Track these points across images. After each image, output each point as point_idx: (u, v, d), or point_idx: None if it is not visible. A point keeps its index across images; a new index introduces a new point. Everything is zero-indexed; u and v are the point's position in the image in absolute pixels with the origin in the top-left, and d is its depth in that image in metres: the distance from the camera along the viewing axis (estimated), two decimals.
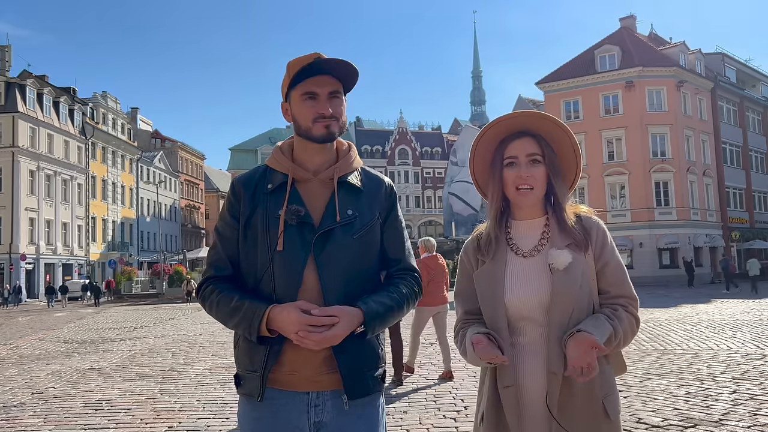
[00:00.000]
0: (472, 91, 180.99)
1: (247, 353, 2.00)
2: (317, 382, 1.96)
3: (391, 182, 2.22)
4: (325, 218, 1.99)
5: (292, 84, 2.02)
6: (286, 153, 2.10)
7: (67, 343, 15.50)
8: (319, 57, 1.96)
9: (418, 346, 9.44)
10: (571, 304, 1.97)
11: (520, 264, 2.06)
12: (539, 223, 2.11)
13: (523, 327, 2.03)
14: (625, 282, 2.06)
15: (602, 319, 1.96)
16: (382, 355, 2.09)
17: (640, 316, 2.09)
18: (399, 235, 2.15)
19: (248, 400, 2.02)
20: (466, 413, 6.46)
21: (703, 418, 6.03)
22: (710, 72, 51.91)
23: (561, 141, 2.11)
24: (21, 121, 50.18)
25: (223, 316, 2.01)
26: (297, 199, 2.01)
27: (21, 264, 48.10)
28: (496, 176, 2.10)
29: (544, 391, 1.96)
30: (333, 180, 2.04)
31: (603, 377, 1.99)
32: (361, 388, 1.97)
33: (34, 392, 8.54)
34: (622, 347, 2.04)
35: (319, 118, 1.99)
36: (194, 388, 8.46)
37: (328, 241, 1.97)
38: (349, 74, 2.04)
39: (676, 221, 45.36)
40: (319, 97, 2.00)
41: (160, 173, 74.24)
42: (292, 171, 2.04)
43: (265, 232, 1.99)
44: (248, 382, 2.00)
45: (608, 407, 1.98)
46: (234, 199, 2.08)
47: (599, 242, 2.06)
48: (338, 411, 1.97)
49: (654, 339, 12.18)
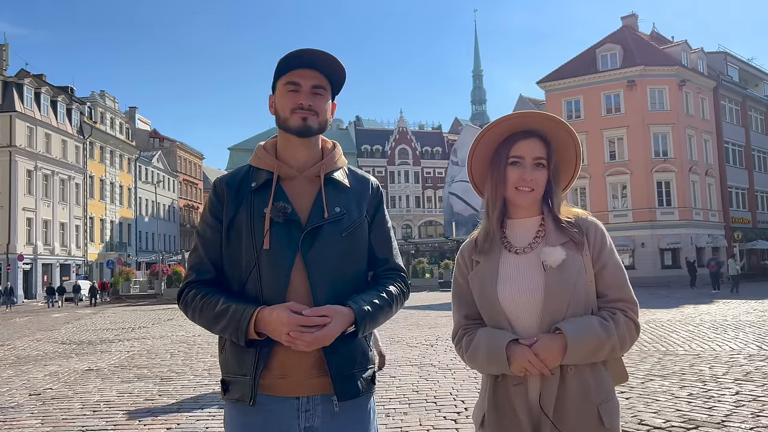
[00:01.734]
0: (473, 90, 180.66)
1: (236, 357, 1.95)
2: (307, 386, 1.93)
3: (377, 181, 2.20)
4: (312, 215, 1.96)
5: (278, 75, 2.00)
6: (269, 151, 2.07)
7: (65, 344, 15.45)
8: (306, 49, 1.96)
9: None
10: (565, 302, 1.92)
11: (512, 261, 2.03)
12: (535, 221, 2.08)
13: (518, 325, 1.98)
14: (624, 285, 2.01)
15: (592, 322, 1.91)
16: (372, 356, 2.06)
17: (642, 317, 2.04)
18: (386, 234, 2.13)
19: (236, 406, 1.97)
20: (466, 414, 6.39)
21: (706, 419, 5.99)
22: (712, 71, 51.77)
23: (564, 142, 2.09)
24: (18, 120, 50.06)
25: (207, 321, 1.95)
26: (283, 197, 1.97)
27: (18, 264, 47.93)
28: (499, 173, 2.05)
29: (539, 390, 1.94)
30: (319, 177, 2.02)
31: (599, 383, 1.94)
32: (352, 389, 1.94)
33: (31, 393, 8.49)
34: (620, 353, 1.98)
35: (297, 109, 1.97)
36: (193, 389, 8.41)
37: (317, 239, 1.94)
38: (335, 70, 2.01)
39: (678, 221, 45.23)
40: (302, 89, 1.98)
41: (159, 173, 74.20)
42: (277, 168, 2.01)
43: (251, 231, 1.94)
44: (238, 387, 1.94)
45: (603, 414, 1.92)
46: (216, 200, 2.04)
47: (597, 243, 2.02)
48: (329, 415, 1.94)
49: (656, 340, 12.12)
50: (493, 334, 1.96)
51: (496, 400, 1.99)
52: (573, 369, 1.91)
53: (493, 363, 1.93)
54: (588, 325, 1.89)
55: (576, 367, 1.91)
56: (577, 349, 1.86)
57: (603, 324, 1.91)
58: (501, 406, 1.98)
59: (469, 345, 2.02)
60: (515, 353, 1.88)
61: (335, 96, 2.10)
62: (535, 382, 1.94)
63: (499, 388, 1.99)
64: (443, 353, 11.11)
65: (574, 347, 1.86)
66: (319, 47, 1.97)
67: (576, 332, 1.86)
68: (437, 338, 13.52)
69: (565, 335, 1.86)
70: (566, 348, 1.86)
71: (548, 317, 1.93)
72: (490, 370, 1.98)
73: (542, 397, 1.92)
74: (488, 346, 1.94)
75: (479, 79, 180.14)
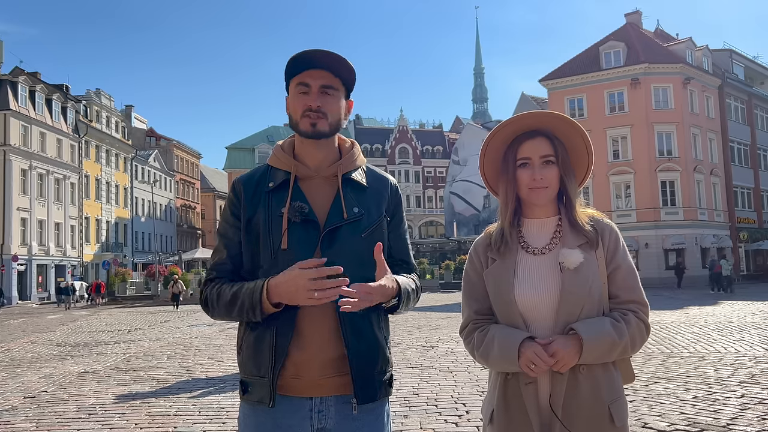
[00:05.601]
0: (474, 88, 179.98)
1: (252, 359, 1.95)
2: (321, 386, 1.92)
3: (396, 182, 2.20)
4: (331, 216, 1.96)
5: (289, 77, 2.01)
6: (287, 150, 2.07)
7: (60, 346, 15.40)
8: (312, 50, 1.96)
9: None
10: (580, 304, 1.95)
11: (530, 262, 2.05)
12: (552, 222, 2.10)
13: (532, 325, 2.00)
14: (636, 287, 2.04)
15: (605, 323, 1.94)
16: (391, 358, 2.06)
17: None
18: (403, 236, 2.16)
19: (251, 407, 1.97)
20: (468, 417, 6.42)
21: (711, 422, 5.99)
22: (717, 69, 51.50)
23: (573, 139, 2.11)
24: (13, 119, 49.56)
25: (225, 306, 1.95)
26: (300, 197, 1.97)
27: (13, 265, 47.45)
28: (509, 177, 2.08)
29: (549, 391, 1.96)
30: (337, 177, 2.02)
31: (610, 382, 1.98)
32: (372, 392, 1.94)
33: (26, 396, 8.47)
34: (630, 354, 2.02)
35: (307, 112, 1.96)
36: (190, 392, 8.40)
37: (336, 240, 1.94)
38: (344, 69, 2.00)
39: (683, 221, 44.93)
40: (311, 90, 1.98)
41: (155, 172, 73.89)
42: (294, 168, 2.01)
43: (268, 231, 1.95)
44: (257, 389, 1.94)
45: (614, 413, 1.95)
46: (235, 199, 2.05)
47: (612, 245, 2.05)
48: (342, 417, 1.93)
49: (660, 342, 12.06)
50: (508, 332, 1.97)
51: (506, 398, 2.01)
52: (585, 369, 1.94)
53: (506, 361, 1.94)
54: (601, 326, 1.92)
55: (588, 367, 1.94)
56: (592, 350, 1.89)
57: (615, 325, 1.94)
58: (511, 404, 1.99)
59: (481, 341, 2.02)
60: (525, 349, 1.90)
61: (349, 95, 2.08)
62: (545, 382, 1.96)
63: (509, 386, 2.00)
64: (444, 355, 11.05)
65: (589, 348, 1.88)
66: (318, 45, 1.92)
67: (590, 333, 1.89)
68: (438, 340, 13.48)
69: (580, 336, 1.88)
70: (582, 349, 1.88)
71: (563, 318, 1.95)
72: (503, 368, 1.99)
73: (552, 396, 1.94)
74: (502, 344, 1.95)
75: (481, 77, 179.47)
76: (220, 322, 18.18)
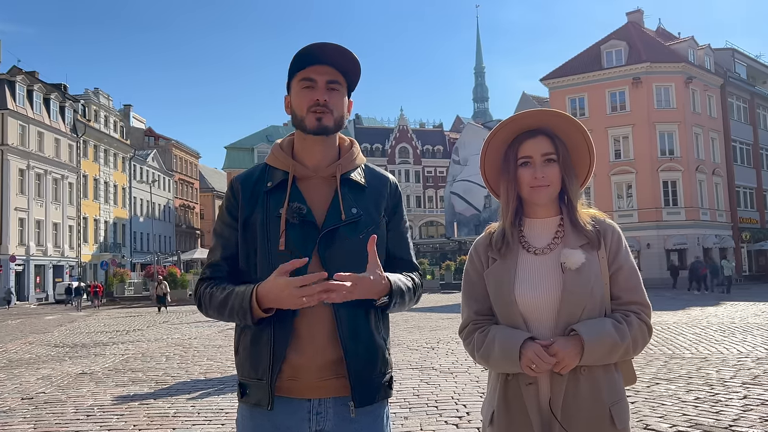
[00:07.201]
0: (475, 87, 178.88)
1: (250, 360, 1.94)
2: (320, 388, 1.91)
3: (396, 180, 2.18)
4: (329, 217, 1.94)
5: (293, 72, 1.98)
6: (286, 150, 2.05)
7: (58, 347, 15.33)
8: (319, 43, 1.93)
9: None
10: (581, 305, 1.94)
11: (531, 262, 2.03)
12: (553, 222, 2.09)
13: (533, 326, 1.99)
14: (638, 288, 2.03)
15: (606, 324, 1.93)
16: (390, 360, 2.04)
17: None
18: (404, 234, 2.13)
19: (249, 409, 1.96)
20: (468, 419, 6.40)
21: (713, 424, 5.99)
22: (720, 68, 51.34)
23: (574, 138, 2.09)
24: (10, 118, 49.44)
25: (216, 308, 1.95)
26: (298, 197, 1.96)
27: (10, 265, 47.26)
28: (510, 176, 2.07)
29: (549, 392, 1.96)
30: (336, 177, 2.00)
31: (611, 384, 1.97)
32: (370, 395, 1.92)
33: (23, 398, 8.46)
34: (632, 355, 2.01)
35: (313, 107, 1.94)
36: (188, 393, 8.37)
37: (333, 241, 1.92)
38: (350, 64, 1.98)
39: (685, 221, 44.80)
40: (317, 85, 1.95)
41: (154, 172, 73.78)
42: (292, 168, 2.00)
43: (265, 232, 1.94)
44: (255, 392, 1.93)
45: (615, 415, 1.94)
46: (233, 198, 2.03)
47: (614, 246, 2.04)
48: (341, 419, 1.92)
49: (662, 343, 12.00)
50: (509, 332, 1.96)
51: (507, 399, 2.00)
52: (586, 370, 1.92)
53: (508, 361, 1.92)
54: (603, 327, 1.91)
55: (589, 369, 1.92)
56: (593, 351, 1.88)
57: (617, 326, 1.93)
58: (511, 405, 1.98)
59: (482, 342, 2.01)
60: (526, 350, 1.88)
61: (351, 92, 2.06)
62: (546, 383, 1.94)
63: (510, 387, 1.99)
64: (444, 356, 11.02)
65: (590, 349, 1.87)
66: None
67: (592, 334, 1.88)
68: (438, 341, 13.45)
69: (581, 337, 1.87)
70: (583, 350, 1.87)
71: (564, 319, 1.94)
72: (504, 369, 1.98)
73: (552, 398, 1.93)
74: (503, 345, 1.93)
75: (481, 76, 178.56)
76: (219, 323, 18.07)
